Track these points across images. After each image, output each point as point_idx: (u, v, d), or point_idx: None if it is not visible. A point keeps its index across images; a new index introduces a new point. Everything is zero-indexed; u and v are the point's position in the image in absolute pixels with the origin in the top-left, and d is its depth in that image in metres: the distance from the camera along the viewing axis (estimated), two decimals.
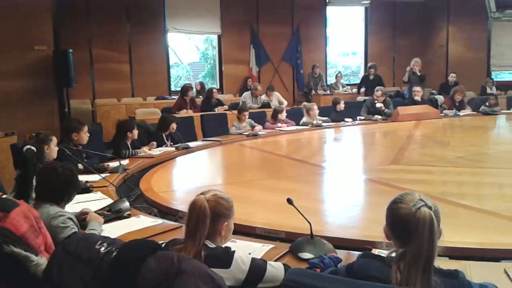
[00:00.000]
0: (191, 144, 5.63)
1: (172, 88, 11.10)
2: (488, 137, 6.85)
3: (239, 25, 11.21)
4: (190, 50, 14.29)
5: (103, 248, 1.55)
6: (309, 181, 4.08)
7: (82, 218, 2.56)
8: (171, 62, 11.53)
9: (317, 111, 7.47)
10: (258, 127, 6.74)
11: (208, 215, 1.73)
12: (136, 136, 5.08)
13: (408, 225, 1.44)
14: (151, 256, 1.45)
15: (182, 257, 1.41)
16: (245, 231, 2.57)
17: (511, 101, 9.35)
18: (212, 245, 1.75)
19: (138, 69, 10.31)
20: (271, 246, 2.21)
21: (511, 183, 3.76)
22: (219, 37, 11.30)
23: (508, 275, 1.85)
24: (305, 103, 8.20)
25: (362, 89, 10.78)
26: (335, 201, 3.56)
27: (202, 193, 1.81)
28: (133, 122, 5.32)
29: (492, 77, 11.60)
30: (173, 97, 9.90)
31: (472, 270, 1.89)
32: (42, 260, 1.86)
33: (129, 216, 2.77)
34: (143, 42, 10.29)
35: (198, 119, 7.13)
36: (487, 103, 8.56)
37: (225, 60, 11.30)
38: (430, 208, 1.45)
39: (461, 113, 8.38)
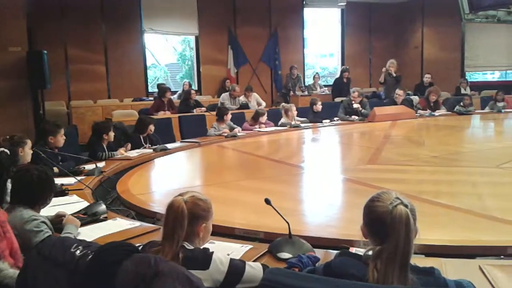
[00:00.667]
0: (169, 145, 5.59)
1: (150, 89, 11.03)
2: (462, 136, 6.99)
3: (216, 26, 11.19)
4: (167, 51, 14.21)
5: (78, 251, 1.53)
6: (288, 181, 4.09)
7: (58, 221, 2.52)
8: (148, 63, 11.43)
9: (295, 112, 7.51)
10: (237, 129, 6.73)
11: (185, 217, 1.71)
12: (112, 138, 5.02)
13: (385, 223, 1.45)
14: (127, 259, 1.42)
15: (159, 259, 1.39)
16: (224, 232, 2.56)
17: (485, 101, 9.55)
18: (190, 247, 1.74)
19: (114, 70, 10.20)
20: (250, 246, 2.21)
21: (485, 182, 3.85)
22: (197, 38, 11.25)
23: (483, 272, 1.88)
24: (283, 104, 8.23)
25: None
26: (314, 201, 3.58)
27: (180, 195, 1.79)
28: (109, 124, 5.25)
29: (466, 77, 11.85)
30: (150, 98, 9.83)
31: (448, 267, 1.91)
32: (4, 266, 1.82)
33: (105, 219, 2.73)
34: (119, 42, 10.19)
35: (176, 120, 7.09)
36: (461, 103, 8.73)
37: (203, 61, 11.26)
38: (406, 206, 1.46)
39: (436, 113, 8.53)
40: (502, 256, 2.24)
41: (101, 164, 4.36)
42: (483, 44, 12.05)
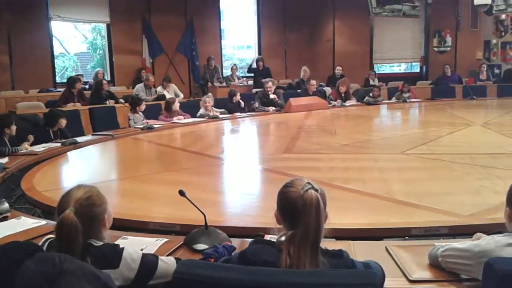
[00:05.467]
0: (79, 139, 5.31)
1: (58, 80, 10.41)
2: (371, 125, 7.37)
3: (129, 14, 10.76)
4: (77, 40, 13.51)
5: None
6: (206, 172, 4.08)
7: None
8: (56, 52, 10.79)
9: (211, 104, 7.46)
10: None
11: (80, 231, 1.52)
12: (14, 132, 4.66)
13: (297, 207, 1.48)
14: (29, 258, 1.33)
15: (64, 257, 1.32)
16: (138, 227, 2.50)
17: (391, 92, 10.15)
18: (98, 243, 1.65)
19: (18, 60, 9.46)
20: (165, 240, 2.16)
21: (391, 167, 4.09)
22: (108, 26, 10.76)
23: (389, 252, 1.99)
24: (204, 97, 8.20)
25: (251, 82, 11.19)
26: (231, 191, 3.61)
27: (64, 204, 1.60)
28: (10, 117, 4.87)
29: (374, 69, 12.50)
30: (58, 89, 9.28)
31: (357, 249, 1.99)
32: None
33: (7, 218, 2.54)
34: (24, 30, 9.46)
35: (85, 112, 6.77)
36: (370, 94, 9.23)
37: (115, 50, 10.80)
38: (316, 190, 1.51)
39: (347, 103, 8.94)
40: (406, 237, 2.39)
41: (3, 160, 4.07)
42: (390, 38, 12.78)
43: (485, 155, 4.37)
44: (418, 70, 13.16)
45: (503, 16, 12.09)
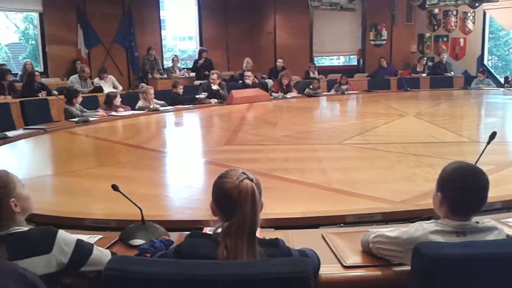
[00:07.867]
0: (9, 133, 5.04)
1: None
2: (311, 117, 7.52)
3: (63, 2, 10.26)
4: (8, 29, 12.78)
5: None
6: (146, 166, 3.99)
7: None
8: None
9: (152, 95, 7.31)
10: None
11: None
12: None
13: (232, 197, 1.48)
14: None
15: None
16: (72, 224, 2.41)
17: (331, 84, 10.39)
18: (22, 228, 1.57)
19: None
20: (100, 236, 2.09)
21: (329, 157, 4.20)
22: (41, 15, 10.22)
23: (325, 240, 2.04)
24: (142, 83, 7.98)
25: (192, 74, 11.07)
26: (172, 184, 3.56)
27: None
28: None
29: (314, 62, 12.73)
30: None
31: (294, 238, 2.02)
32: None
33: None
34: None
35: (16, 105, 6.42)
36: (311, 86, 9.39)
37: (49, 40, 10.28)
38: (252, 180, 1.51)
39: (288, 95, 9.06)
40: (342, 224, 2.46)
41: None
42: (329, 31, 13.03)
43: (417, 144, 4.57)
44: (355, 63, 13.54)
45: (436, 11, 12.65)
